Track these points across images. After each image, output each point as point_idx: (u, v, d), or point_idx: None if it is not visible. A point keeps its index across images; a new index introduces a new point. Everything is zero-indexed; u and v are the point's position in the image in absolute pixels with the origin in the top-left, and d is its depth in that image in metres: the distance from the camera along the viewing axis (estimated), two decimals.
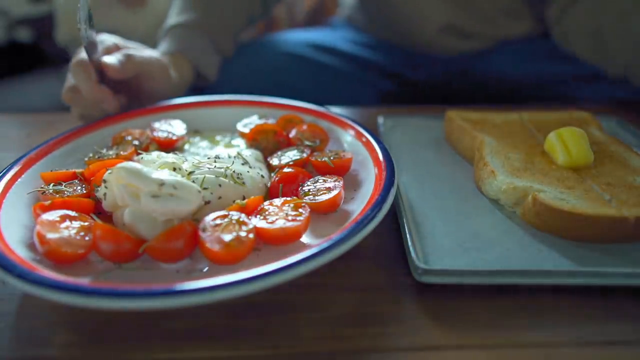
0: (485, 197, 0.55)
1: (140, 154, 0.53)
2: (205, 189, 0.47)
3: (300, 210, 0.45)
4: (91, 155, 0.56)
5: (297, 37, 1.03)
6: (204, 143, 0.61)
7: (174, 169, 0.49)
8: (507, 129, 0.64)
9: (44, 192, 0.49)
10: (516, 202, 0.52)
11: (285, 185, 0.51)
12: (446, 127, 0.68)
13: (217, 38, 0.83)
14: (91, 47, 0.61)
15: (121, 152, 0.55)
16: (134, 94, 0.69)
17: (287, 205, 0.46)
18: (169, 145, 0.59)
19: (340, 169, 0.54)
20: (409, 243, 0.46)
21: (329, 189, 0.49)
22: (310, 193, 0.49)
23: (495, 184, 0.53)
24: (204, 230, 0.42)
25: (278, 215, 0.45)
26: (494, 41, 0.95)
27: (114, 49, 0.66)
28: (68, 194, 0.49)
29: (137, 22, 1.54)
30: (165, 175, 0.44)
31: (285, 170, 0.52)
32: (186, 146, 0.60)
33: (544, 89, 0.83)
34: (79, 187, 0.50)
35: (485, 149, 0.57)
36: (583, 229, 0.47)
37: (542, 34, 0.94)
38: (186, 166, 0.50)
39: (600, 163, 0.56)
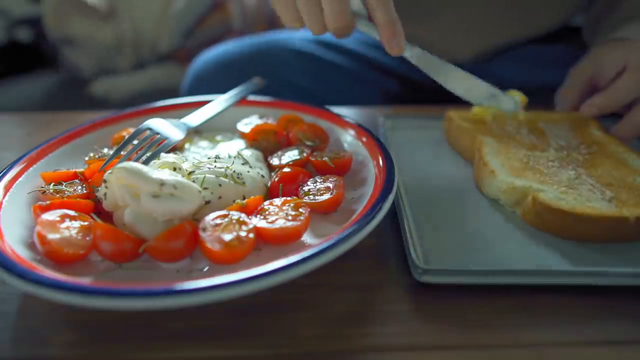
0: (485, 197, 0.55)
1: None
2: (205, 188, 0.47)
3: (300, 210, 0.45)
4: (91, 155, 0.56)
5: (303, 34, 1.03)
6: (204, 143, 0.61)
7: (174, 169, 0.49)
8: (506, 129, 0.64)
9: (45, 191, 0.49)
10: (516, 202, 0.52)
11: (285, 185, 0.51)
12: (446, 127, 0.68)
13: None
14: None
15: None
16: None
17: (287, 205, 0.46)
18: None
19: (340, 169, 0.54)
20: (409, 243, 0.46)
21: (329, 189, 0.49)
22: (310, 193, 0.49)
23: (495, 184, 0.53)
24: (204, 230, 0.42)
25: (278, 215, 0.45)
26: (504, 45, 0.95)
27: None
28: (68, 193, 0.49)
29: (107, 31, 1.54)
30: (165, 175, 0.44)
31: (285, 170, 0.52)
32: (186, 146, 0.60)
33: (547, 94, 0.83)
34: (80, 187, 0.50)
35: (485, 149, 0.57)
36: (583, 228, 0.47)
37: (548, 38, 0.94)
38: (186, 166, 0.51)
39: (601, 163, 0.56)
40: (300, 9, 0.57)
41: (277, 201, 0.47)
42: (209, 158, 0.53)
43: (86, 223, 0.44)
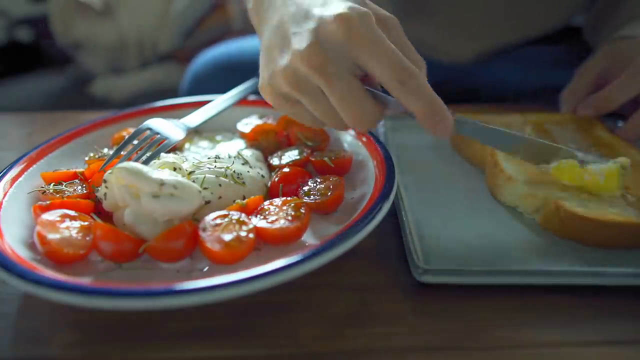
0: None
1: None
2: (205, 188, 0.47)
3: (301, 210, 0.45)
4: (91, 155, 0.56)
5: None
6: (204, 143, 0.61)
7: (174, 169, 0.49)
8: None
9: (45, 191, 0.49)
10: (536, 209, 0.51)
11: (285, 185, 0.51)
12: None
13: None
14: None
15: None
16: None
17: (287, 205, 0.46)
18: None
19: (340, 169, 0.54)
20: (409, 243, 0.46)
21: (329, 189, 0.49)
22: (311, 193, 0.49)
23: (513, 190, 0.52)
24: (204, 230, 0.42)
25: (278, 215, 0.45)
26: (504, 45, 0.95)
27: None
28: (68, 193, 0.49)
29: (104, 31, 1.54)
30: (165, 175, 0.44)
31: (285, 170, 0.52)
32: (186, 146, 0.60)
33: (548, 96, 0.83)
34: (80, 187, 0.50)
35: (498, 155, 0.56)
36: (609, 235, 0.46)
37: (549, 39, 0.94)
38: (186, 166, 0.51)
39: None
40: (312, 112, 0.48)
41: (277, 201, 0.47)
42: (209, 158, 0.53)
43: (86, 223, 0.44)
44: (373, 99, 0.45)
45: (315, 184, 0.51)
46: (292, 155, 0.57)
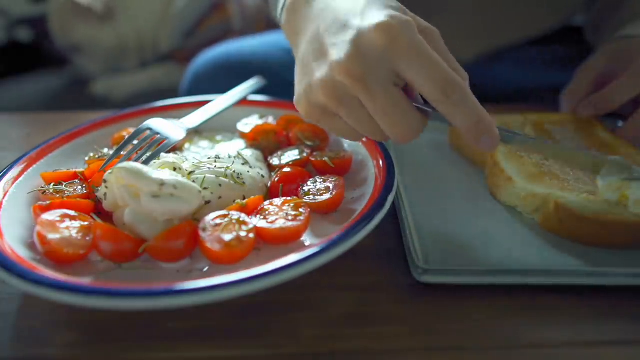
0: (486, 197, 0.54)
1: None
2: (205, 188, 0.47)
3: (300, 210, 0.45)
4: (91, 155, 0.56)
5: None
6: (204, 143, 0.61)
7: (174, 169, 0.49)
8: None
9: (45, 191, 0.49)
10: (535, 210, 0.51)
11: (286, 185, 0.51)
12: (451, 132, 0.66)
13: None
14: None
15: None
16: None
17: (287, 205, 0.46)
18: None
19: (341, 169, 0.54)
20: (409, 243, 0.46)
21: (329, 189, 0.49)
22: (311, 193, 0.49)
23: (513, 191, 0.52)
24: (204, 230, 0.42)
25: (278, 215, 0.45)
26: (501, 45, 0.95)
27: None
28: (68, 193, 0.49)
29: (106, 35, 1.54)
30: (165, 175, 0.44)
31: (286, 170, 0.52)
32: (186, 146, 0.60)
33: (548, 96, 0.83)
34: (80, 187, 0.50)
35: (498, 155, 0.56)
36: (609, 235, 0.46)
37: (549, 39, 0.94)
38: (186, 166, 0.51)
39: None
40: (351, 124, 0.46)
41: (277, 201, 0.47)
42: (209, 158, 0.53)
43: (86, 223, 0.44)
44: (415, 108, 0.44)
45: (315, 184, 0.51)
46: (292, 155, 0.57)
